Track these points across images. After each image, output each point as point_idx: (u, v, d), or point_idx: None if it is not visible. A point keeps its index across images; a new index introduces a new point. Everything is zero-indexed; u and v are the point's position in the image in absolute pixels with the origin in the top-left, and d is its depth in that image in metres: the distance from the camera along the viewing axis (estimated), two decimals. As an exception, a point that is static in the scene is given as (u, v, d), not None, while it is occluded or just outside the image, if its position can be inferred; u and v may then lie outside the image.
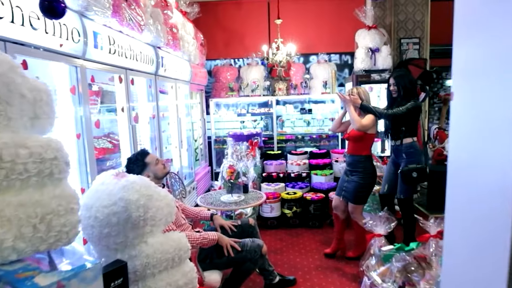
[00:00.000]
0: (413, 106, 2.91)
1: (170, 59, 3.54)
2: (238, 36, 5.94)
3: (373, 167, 2.93)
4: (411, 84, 3.02)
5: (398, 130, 3.01)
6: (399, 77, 3.01)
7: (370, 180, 2.92)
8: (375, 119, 2.83)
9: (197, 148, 5.01)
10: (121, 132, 2.66)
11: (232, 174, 2.72)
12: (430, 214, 4.25)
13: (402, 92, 2.97)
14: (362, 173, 2.88)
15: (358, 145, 2.88)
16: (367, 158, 2.90)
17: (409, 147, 3.00)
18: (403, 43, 5.28)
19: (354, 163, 2.92)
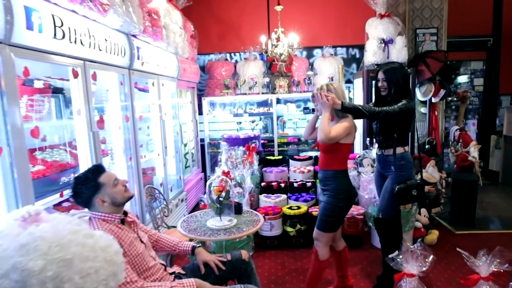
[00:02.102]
0: (406, 106, 2.32)
1: (149, 50, 2.97)
2: (234, 27, 5.37)
3: (346, 187, 2.25)
4: (405, 81, 2.42)
5: (388, 137, 2.43)
6: (390, 71, 2.38)
7: (342, 203, 2.22)
8: (350, 126, 2.18)
9: (187, 154, 4.45)
10: (79, 140, 2.10)
11: (221, 192, 2.16)
12: (455, 230, 3.70)
13: (393, 90, 2.37)
14: (332, 192, 2.23)
15: (329, 157, 2.25)
16: (339, 174, 2.22)
17: (400, 159, 2.42)
18: (419, 34, 4.70)
19: (324, 180, 2.28)
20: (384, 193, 2.50)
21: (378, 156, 2.59)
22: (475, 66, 5.69)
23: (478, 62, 5.65)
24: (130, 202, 2.76)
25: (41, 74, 2.05)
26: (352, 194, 2.31)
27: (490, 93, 5.58)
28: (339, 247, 2.47)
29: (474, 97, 5.76)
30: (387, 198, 2.46)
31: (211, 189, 2.17)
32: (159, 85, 3.27)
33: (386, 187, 2.49)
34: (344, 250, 2.49)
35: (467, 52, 5.54)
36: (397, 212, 2.55)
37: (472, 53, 5.58)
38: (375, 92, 2.58)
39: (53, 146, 2.18)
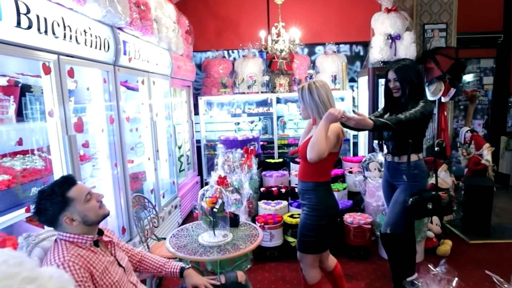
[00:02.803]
0: (426, 109, 2.07)
1: (138, 45, 2.72)
2: (232, 23, 5.11)
3: (328, 202, 1.94)
4: (419, 79, 2.17)
5: (402, 143, 2.18)
6: (402, 69, 2.15)
7: (323, 220, 1.91)
8: (339, 132, 1.89)
9: (181, 156, 4.19)
10: (53, 146, 1.84)
11: (214, 203, 1.90)
12: (469, 239, 3.45)
13: (408, 90, 2.12)
14: (310, 208, 1.94)
15: (310, 167, 1.91)
16: (320, 187, 1.92)
17: (414, 167, 2.17)
18: (427, 30, 4.45)
19: (302, 193, 2.00)
20: (393, 205, 2.25)
21: (388, 163, 2.34)
22: (484, 64, 5.44)
23: (487, 60, 5.40)
24: (116, 213, 2.52)
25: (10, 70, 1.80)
26: (335, 211, 1.99)
27: (500, 92, 5.33)
28: (329, 267, 2.17)
29: (483, 96, 5.51)
30: (397, 211, 2.20)
31: (203, 200, 1.92)
32: (149, 83, 3.02)
33: (396, 198, 2.24)
34: (336, 268, 2.19)
35: (476, 49, 5.29)
36: (409, 225, 2.30)
37: (481, 50, 5.33)
38: (385, 93, 2.33)
39: (26, 151, 1.93)
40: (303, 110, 1.97)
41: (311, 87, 1.89)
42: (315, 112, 1.90)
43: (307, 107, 1.92)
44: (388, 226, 2.24)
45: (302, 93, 1.92)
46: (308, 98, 1.90)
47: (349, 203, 3.30)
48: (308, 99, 1.90)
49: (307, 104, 1.91)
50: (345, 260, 3.03)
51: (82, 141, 2.41)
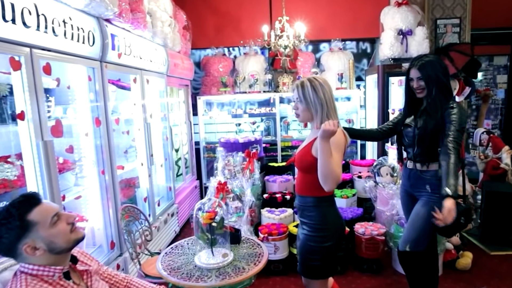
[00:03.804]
0: (464, 120, 1.84)
1: (129, 39, 2.47)
2: (233, 19, 4.85)
3: (333, 219, 1.66)
4: (447, 77, 1.92)
5: (430, 150, 1.93)
6: (427, 66, 1.88)
7: (328, 241, 1.63)
8: (344, 137, 1.63)
9: (179, 160, 3.95)
10: (25, 152, 1.60)
11: (212, 219, 1.65)
12: (490, 251, 3.19)
13: (435, 90, 1.86)
14: (311, 227, 1.66)
15: (309, 179, 1.62)
16: (323, 202, 1.64)
17: (436, 176, 1.92)
18: (440, 25, 4.19)
19: (301, 209, 1.72)
20: (414, 219, 1.99)
21: (408, 171, 2.08)
22: (498, 62, 5.17)
23: (501, 57, 5.14)
24: (104, 225, 2.28)
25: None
26: (341, 229, 1.71)
27: (515, 91, 5.07)
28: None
29: (495, 95, 5.24)
30: (419, 226, 1.94)
31: (199, 216, 1.67)
32: (142, 82, 2.77)
33: (417, 211, 1.98)
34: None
35: (489, 46, 5.02)
36: (432, 242, 2.04)
37: (495, 47, 5.06)
38: (406, 94, 2.07)
39: (-2, 158, 1.68)
40: (303, 112, 1.64)
41: (315, 84, 1.60)
42: (320, 113, 1.60)
43: (311, 108, 1.61)
44: (408, 243, 1.98)
45: (303, 91, 1.60)
46: (312, 97, 1.59)
47: (359, 211, 3.04)
48: (313, 98, 1.59)
49: (311, 104, 1.60)
50: (356, 274, 2.78)
51: (66, 146, 2.18)
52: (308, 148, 1.63)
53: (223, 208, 1.74)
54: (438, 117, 1.86)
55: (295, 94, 1.65)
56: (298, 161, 1.68)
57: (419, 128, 1.94)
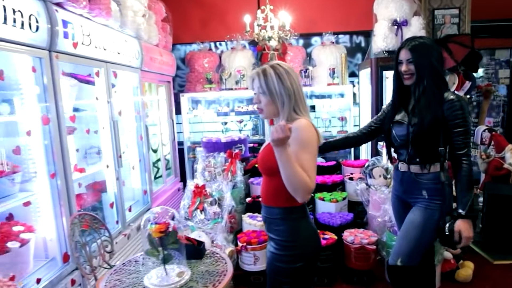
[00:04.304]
0: (468, 109, 1.62)
1: (88, 28, 2.21)
2: (219, 12, 4.60)
3: (303, 234, 1.38)
4: (441, 64, 1.69)
5: (428, 150, 1.68)
6: (420, 48, 1.64)
7: (298, 261, 1.37)
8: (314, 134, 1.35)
9: (158, 161, 3.69)
10: None
11: (163, 233, 1.39)
12: (493, 259, 2.91)
13: (427, 78, 1.61)
14: (279, 244, 1.39)
15: (275, 186, 1.36)
16: (289, 214, 1.38)
17: (436, 179, 1.68)
18: (437, 16, 3.93)
19: (268, 222, 1.45)
20: (408, 229, 1.72)
21: (401, 174, 1.81)
22: (500, 56, 4.90)
23: (503, 51, 4.86)
24: (57, 236, 2.03)
25: None
26: (315, 246, 1.43)
27: (518, 86, 4.80)
28: None
29: (497, 91, 4.97)
30: (413, 237, 1.68)
31: (148, 227, 1.41)
32: (108, 76, 2.51)
33: (411, 220, 1.72)
34: None
35: (490, 39, 4.75)
36: (428, 255, 1.78)
37: (497, 40, 4.79)
38: (394, 81, 1.81)
39: None
40: (267, 106, 1.36)
41: (279, 71, 1.33)
42: (287, 106, 1.33)
43: (276, 100, 1.34)
44: (399, 256, 1.72)
45: (266, 80, 1.33)
46: (277, 87, 1.33)
47: (349, 217, 2.78)
48: (278, 88, 1.33)
49: (277, 95, 1.33)
50: (345, 287, 2.53)
51: (13, 147, 1.92)
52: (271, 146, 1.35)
53: (176, 219, 1.48)
54: (437, 111, 1.60)
55: (256, 84, 1.38)
56: (261, 162, 1.42)
57: (414, 125, 1.68)
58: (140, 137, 3.08)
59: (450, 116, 1.59)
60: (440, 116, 1.60)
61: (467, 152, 1.61)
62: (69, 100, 2.30)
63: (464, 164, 1.60)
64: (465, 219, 1.58)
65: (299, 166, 1.25)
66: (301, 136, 1.28)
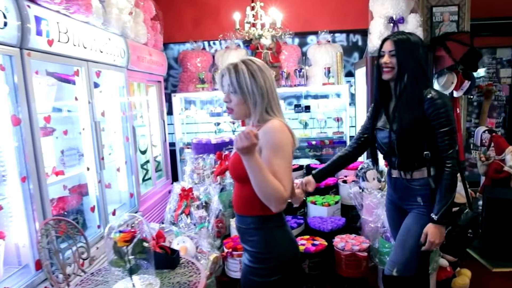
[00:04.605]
0: (451, 107, 1.52)
1: (66, 25, 2.12)
2: (212, 11, 4.51)
3: (279, 245, 1.28)
4: (425, 62, 1.58)
5: (414, 155, 1.57)
6: (404, 42, 1.52)
7: (272, 274, 1.26)
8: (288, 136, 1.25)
9: (147, 163, 3.60)
10: None
11: (129, 242, 1.29)
12: (492, 267, 2.78)
13: (409, 72, 1.50)
14: (253, 256, 1.29)
15: (248, 194, 1.23)
16: (265, 223, 1.27)
17: (427, 185, 1.57)
18: (436, 13, 3.80)
19: (242, 232, 1.35)
20: (404, 237, 1.62)
21: (393, 180, 1.71)
22: (501, 54, 4.76)
23: (505, 50, 4.73)
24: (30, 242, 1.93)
25: None
26: (293, 257, 1.31)
27: (520, 86, 4.66)
28: None
29: (499, 91, 4.83)
30: (410, 247, 1.58)
31: (112, 236, 1.31)
32: (89, 75, 2.42)
33: (407, 228, 1.61)
34: None
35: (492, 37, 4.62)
36: (424, 264, 1.68)
37: (498, 38, 4.65)
38: (375, 78, 1.69)
39: None
40: (238, 106, 1.26)
41: (252, 68, 1.23)
42: (260, 106, 1.23)
43: (248, 99, 1.23)
44: (395, 266, 1.61)
45: (238, 77, 1.22)
46: (249, 85, 1.22)
47: (341, 222, 2.67)
48: (250, 87, 1.22)
49: (249, 94, 1.22)
50: (336, 294, 2.42)
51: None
52: None
53: (146, 225, 1.38)
54: (416, 111, 1.50)
55: (226, 81, 1.27)
56: (231, 168, 1.32)
57: (396, 131, 1.58)
58: (126, 138, 2.99)
59: (432, 116, 1.49)
60: (421, 116, 1.50)
61: (451, 154, 1.50)
62: (47, 100, 2.22)
63: (447, 168, 1.50)
64: (435, 224, 1.49)
65: (271, 172, 1.15)
66: (273, 139, 1.19)
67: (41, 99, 2.14)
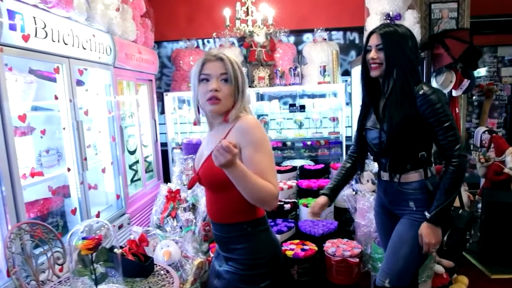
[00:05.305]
0: (444, 103, 1.40)
1: (44, 20, 2.04)
2: (206, 8, 4.42)
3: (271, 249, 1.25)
4: (416, 57, 1.46)
5: (406, 156, 1.47)
6: (393, 35, 1.42)
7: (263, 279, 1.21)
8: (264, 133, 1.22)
9: (135, 163, 3.51)
10: None
11: (93, 249, 1.20)
12: (490, 273, 2.65)
13: (398, 67, 1.40)
14: (243, 265, 1.22)
15: (227, 199, 1.19)
16: (257, 227, 1.23)
17: (422, 188, 1.47)
18: (434, 10, 3.70)
19: (225, 242, 1.26)
20: (396, 245, 1.51)
21: (384, 184, 1.60)
22: (502, 53, 4.65)
23: (506, 48, 4.61)
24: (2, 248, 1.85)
25: None
26: (280, 258, 1.28)
27: (522, 85, 4.54)
28: None
29: (501, 90, 4.72)
30: (404, 255, 1.47)
31: (72, 244, 1.21)
32: (70, 73, 2.33)
33: (399, 235, 1.51)
34: None
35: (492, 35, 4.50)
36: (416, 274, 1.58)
37: (499, 36, 4.54)
38: (362, 75, 1.59)
39: None
40: (228, 97, 1.18)
41: (238, 64, 1.23)
42: (241, 103, 1.20)
43: (236, 94, 1.19)
44: (387, 276, 1.51)
45: (233, 67, 1.18)
46: (241, 79, 1.20)
47: (333, 226, 2.57)
48: (241, 80, 1.20)
49: (239, 88, 1.19)
50: (326, 302, 2.32)
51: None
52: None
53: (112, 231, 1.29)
54: (407, 109, 1.39)
55: (220, 69, 1.17)
56: (207, 177, 1.21)
57: (386, 130, 1.48)
58: (112, 138, 2.90)
59: (427, 113, 1.39)
60: (413, 114, 1.39)
61: (457, 152, 1.37)
62: (24, 99, 2.13)
63: (451, 166, 1.38)
64: (429, 224, 1.40)
65: (257, 171, 1.09)
66: (254, 136, 1.14)
67: (17, 97, 2.06)
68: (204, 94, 1.18)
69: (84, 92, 2.74)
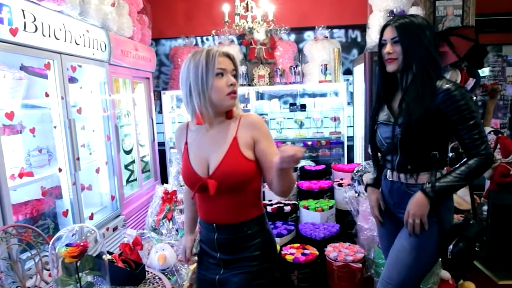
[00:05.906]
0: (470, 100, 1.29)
1: (34, 13, 1.95)
2: (205, 4, 4.33)
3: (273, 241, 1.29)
4: (433, 45, 1.34)
5: (420, 155, 1.37)
6: (409, 27, 1.32)
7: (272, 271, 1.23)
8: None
9: (131, 163, 3.42)
10: None
11: (77, 257, 1.11)
12: (497, 278, 2.55)
13: (417, 60, 1.31)
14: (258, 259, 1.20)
15: (245, 196, 1.19)
16: (264, 220, 1.27)
17: None
18: (439, 7, 3.61)
19: (232, 243, 1.21)
20: (400, 253, 1.40)
21: (389, 184, 1.50)
22: (507, 52, 4.56)
23: (511, 47, 4.52)
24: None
25: None
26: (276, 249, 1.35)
27: (527, 85, 4.45)
28: None
29: (505, 90, 4.62)
30: (407, 265, 1.37)
31: (54, 252, 1.13)
32: (62, 69, 2.24)
33: (402, 243, 1.41)
34: None
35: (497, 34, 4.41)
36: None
37: (504, 35, 4.45)
38: (379, 70, 1.51)
39: None
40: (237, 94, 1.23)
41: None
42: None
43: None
44: (389, 285, 1.42)
45: (237, 65, 1.24)
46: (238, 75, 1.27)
47: (334, 229, 2.48)
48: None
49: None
50: (327, 308, 2.23)
51: None
52: (235, 150, 1.15)
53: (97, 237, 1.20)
54: (428, 104, 1.30)
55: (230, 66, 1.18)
56: (228, 180, 1.14)
57: (401, 125, 1.38)
58: (107, 137, 2.81)
59: (450, 111, 1.28)
60: (434, 110, 1.30)
61: (485, 151, 1.27)
62: (13, 96, 2.04)
63: (480, 157, 1.28)
64: (421, 193, 1.33)
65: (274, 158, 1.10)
66: (264, 129, 1.21)
67: (5, 94, 1.97)
68: (221, 89, 1.15)
69: (78, 90, 2.65)
